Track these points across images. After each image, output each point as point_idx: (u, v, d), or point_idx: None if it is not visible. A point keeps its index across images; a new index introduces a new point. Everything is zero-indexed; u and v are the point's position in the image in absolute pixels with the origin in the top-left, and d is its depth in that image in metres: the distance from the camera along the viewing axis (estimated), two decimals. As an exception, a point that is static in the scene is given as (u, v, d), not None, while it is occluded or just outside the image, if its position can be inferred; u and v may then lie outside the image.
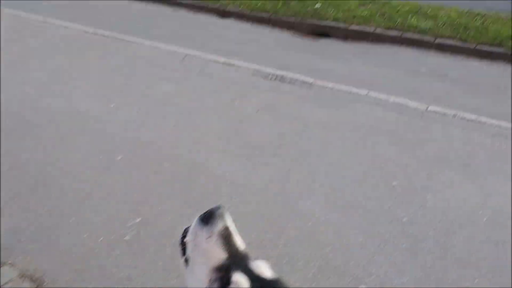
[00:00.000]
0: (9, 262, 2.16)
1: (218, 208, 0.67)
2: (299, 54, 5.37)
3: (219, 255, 0.64)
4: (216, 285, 0.63)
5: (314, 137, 3.35)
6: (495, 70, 4.95)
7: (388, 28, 5.83)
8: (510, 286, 2.07)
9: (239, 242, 0.67)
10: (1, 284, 2.01)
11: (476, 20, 5.93)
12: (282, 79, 4.35)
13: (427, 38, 5.58)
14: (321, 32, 6.09)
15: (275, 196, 2.68)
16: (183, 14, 6.84)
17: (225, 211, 0.67)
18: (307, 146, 3.23)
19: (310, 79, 4.32)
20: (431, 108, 3.80)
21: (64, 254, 2.22)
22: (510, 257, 2.25)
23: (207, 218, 0.67)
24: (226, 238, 0.66)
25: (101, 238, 2.31)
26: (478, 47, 5.33)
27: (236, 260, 0.64)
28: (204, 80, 4.31)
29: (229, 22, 6.52)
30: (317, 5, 6.57)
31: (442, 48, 5.48)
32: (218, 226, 0.66)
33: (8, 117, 3.49)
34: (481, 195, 2.71)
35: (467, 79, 4.71)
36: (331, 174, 2.91)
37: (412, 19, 5.92)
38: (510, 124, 3.57)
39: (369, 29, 5.87)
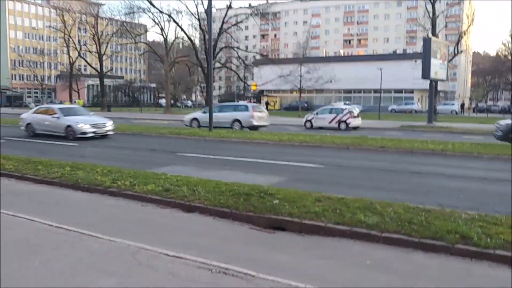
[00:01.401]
0: None
1: None
2: (252, 247, 5.63)
3: None
4: None
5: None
6: (436, 262, 5.16)
7: (338, 223, 6.23)
8: None
9: None
10: None
11: (420, 215, 6.39)
12: (226, 271, 4.51)
13: (374, 232, 5.93)
14: (278, 226, 6.46)
15: None
16: (150, 210, 7.30)
17: None
18: None
19: (253, 272, 4.48)
20: (364, 300, 3.89)
21: None
22: None
23: None
24: None
25: None
26: (422, 240, 5.64)
27: None
28: (148, 275, 4.45)
29: (193, 216, 6.95)
30: (275, 202, 7.10)
31: (388, 241, 5.78)
32: None
33: None
34: None
35: (407, 272, 4.88)
36: None
37: (360, 215, 6.37)
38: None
39: (321, 223, 6.26)
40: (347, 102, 55.18)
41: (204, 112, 25.32)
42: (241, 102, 68.14)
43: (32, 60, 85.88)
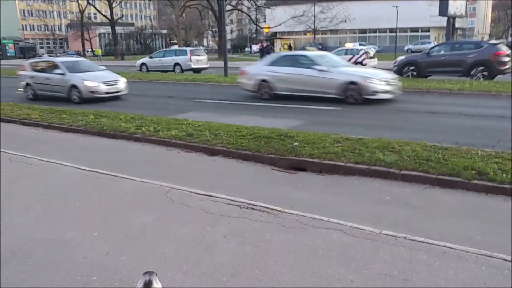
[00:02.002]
0: None
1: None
2: (275, 186, 5.93)
3: None
4: None
5: (272, 258, 3.70)
6: (453, 198, 5.39)
7: (357, 162, 6.45)
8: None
9: None
10: None
11: (437, 153, 6.56)
12: (253, 207, 4.82)
13: (392, 170, 6.15)
14: (299, 167, 6.72)
15: (227, 310, 2.96)
16: (175, 154, 7.61)
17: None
18: (264, 266, 3.56)
19: (278, 208, 4.78)
20: (384, 232, 4.17)
21: None
22: None
23: None
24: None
25: None
26: (439, 176, 5.85)
27: None
28: (182, 211, 4.79)
29: (216, 159, 7.24)
30: (295, 144, 7.32)
31: (406, 179, 6.01)
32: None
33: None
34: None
35: (426, 206, 5.14)
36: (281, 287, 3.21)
37: (379, 154, 6.57)
38: (455, 245, 3.90)
39: (341, 163, 6.50)
40: (362, 43, 53.98)
41: (151, 57, 29.91)
42: (254, 46, 67.01)
43: (41, 9, 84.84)
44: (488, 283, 3.30)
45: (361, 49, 28.19)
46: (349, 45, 37.66)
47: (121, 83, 15.45)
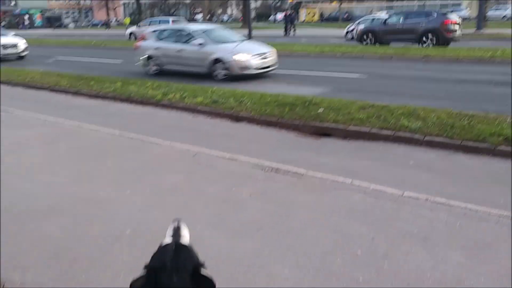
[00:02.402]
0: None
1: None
2: (299, 151, 6.03)
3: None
4: None
5: (296, 217, 3.84)
6: (477, 163, 5.40)
7: (382, 128, 6.48)
8: None
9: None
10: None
11: (463, 120, 6.52)
12: (277, 170, 4.94)
13: (417, 136, 6.16)
14: (323, 132, 6.79)
15: (252, 261, 3.13)
16: (201, 120, 7.77)
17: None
18: (288, 223, 3.71)
19: (302, 171, 4.90)
20: (406, 193, 4.25)
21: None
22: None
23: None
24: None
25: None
26: (464, 143, 5.84)
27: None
28: (209, 172, 4.96)
29: (241, 126, 7.37)
30: (320, 110, 7.37)
31: (430, 144, 6.02)
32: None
33: (36, 203, 4.18)
34: (433, 262, 3.07)
35: (449, 170, 5.18)
36: (305, 245, 3.35)
37: (404, 120, 6.58)
38: (478, 207, 3.95)
39: (366, 129, 6.54)
40: (389, 12, 52.46)
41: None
42: (278, 15, 65.86)
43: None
44: (510, 242, 3.37)
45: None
46: (379, 14, 36.64)
47: (272, 56, 12.38)
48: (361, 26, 23.13)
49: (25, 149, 5.97)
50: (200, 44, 12.10)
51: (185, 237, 1.47)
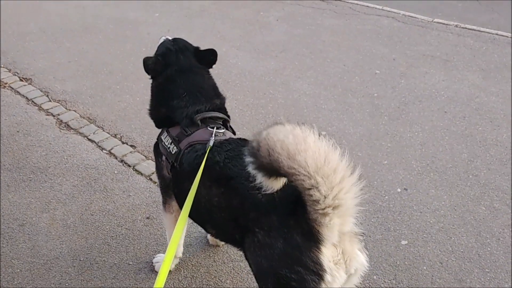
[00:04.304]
0: (74, 109, 3.00)
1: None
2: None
3: None
4: None
5: (320, 39, 3.89)
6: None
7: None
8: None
9: None
10: (67, 121, 2.86)
11: None
12: (306, -5, 4.83)
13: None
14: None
15: (274, 78, 3.31)
16: None
17: None
18: (312, 45, 3.79)
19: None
20: (436, 20, 4.15)
21: (111, 106, 3.02)
22: (454, 123, 2.75)
23: None
24: None
25: (138, 99, 3.08)
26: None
27: None
28: None
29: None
30: None
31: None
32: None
33: (70, 24, 4.34)
34: (448, 82, 3.17)
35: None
36: (326, 64, 3.47)
37: None
38: (508, 33, 3.87)
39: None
40: None
41: None
42: None
43: None
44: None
45: None
46: None
47: None
48: None
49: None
50: None
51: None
